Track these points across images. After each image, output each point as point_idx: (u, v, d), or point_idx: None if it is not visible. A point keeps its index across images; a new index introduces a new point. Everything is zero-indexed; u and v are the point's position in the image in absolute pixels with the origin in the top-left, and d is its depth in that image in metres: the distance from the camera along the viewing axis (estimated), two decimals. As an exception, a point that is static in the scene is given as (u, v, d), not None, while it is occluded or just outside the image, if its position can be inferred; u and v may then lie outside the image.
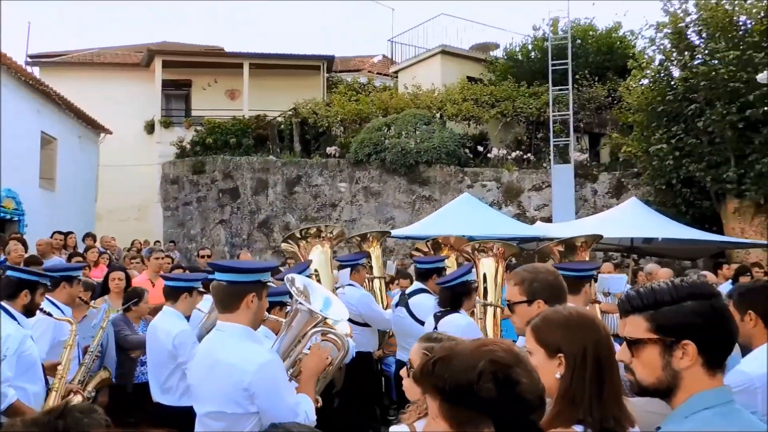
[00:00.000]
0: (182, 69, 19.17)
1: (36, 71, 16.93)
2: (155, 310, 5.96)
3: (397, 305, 5.14)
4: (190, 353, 3.95)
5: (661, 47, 12.78)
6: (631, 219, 9.66)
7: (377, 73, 22.83)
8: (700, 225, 11.40)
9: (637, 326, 1.53)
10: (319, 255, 5.10)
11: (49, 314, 4.17)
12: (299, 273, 3.26)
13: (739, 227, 11.48)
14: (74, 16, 58.50)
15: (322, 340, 3.26)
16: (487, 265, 4.84)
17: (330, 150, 15.74)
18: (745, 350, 2.70)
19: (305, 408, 2.65)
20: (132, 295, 5.49)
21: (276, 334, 3.24)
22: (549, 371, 1.71)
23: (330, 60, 20.18)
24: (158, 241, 14.15)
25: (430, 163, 14.72)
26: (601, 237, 6.27)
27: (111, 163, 17.19)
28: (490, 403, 1.27)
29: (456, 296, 4.12)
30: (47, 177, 14.11)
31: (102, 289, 6.36)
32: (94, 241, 10.65)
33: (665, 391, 1.51)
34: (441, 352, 1.38)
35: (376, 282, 6.04)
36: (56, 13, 56.58)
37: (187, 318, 4.47)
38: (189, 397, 3.84)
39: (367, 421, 5.69)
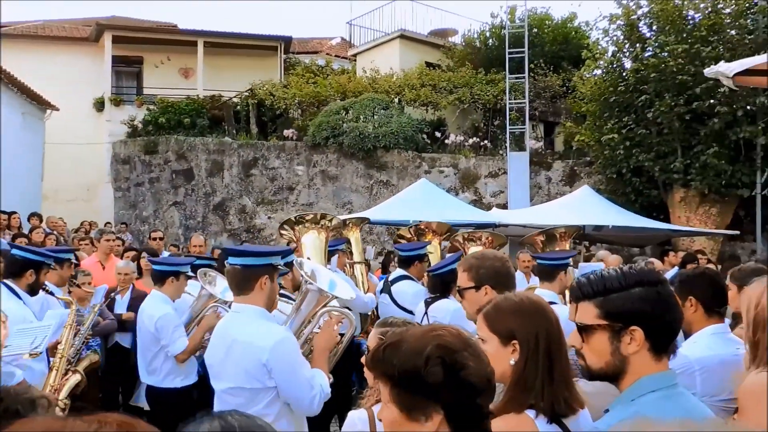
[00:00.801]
0: (133, 45, 18.53)
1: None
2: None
3: (381, 292, 5.22)
4: (171, 336, 4.22)
5: (614, 39, 13.06)
6: (583, 206, 9.91)
7: (335, 56, 22.60)
8: (648, 213, 11.79)
9: (587, 312, 1.58)
10: (313, 241, 5.19)
11: (51, 293, 4.28)
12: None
13: (685, 216, 11.94)
14: (17, -15, 55.76)
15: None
16: None
17: (287, 132, 15.56)
18: (686, 335, 2.83)
19: (320, 381, 2.77)
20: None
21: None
22: (503, 358, 1.74)
23: (287, 41, 19.85)
24: (109, 223, 13.75)
25: (388, 148, 14.72)
26: (581, 229, 6.50)
27: (58, 141, 16.53)
28: (437, 387, 1.28)
29: (445, 283, 4.20)
30: (-11, 154, 13.48)
31: (48, 272, 6.16)
32: (40, 221, 10.29)
33: (614, 375, 1.56)
34: (391, 338, 1.39)
35: (357, 267, 6.09)
36: (-2, -19, 53.65)
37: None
38: (173, 378, 4.28)
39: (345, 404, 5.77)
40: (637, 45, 12.44)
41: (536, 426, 1.65)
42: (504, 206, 13.96)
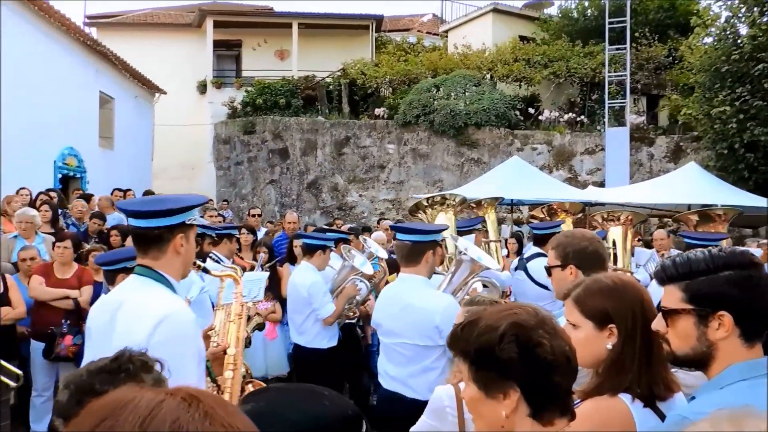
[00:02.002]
0: (233, 29, 19.29)
1: (93, 32, 17.33)
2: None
3: (516, 269, 5.30)
4: (321, 301, 4.78)
5: (728, 3, 12.06)
6: (689, 185, 9.34)
7: (426, 33, 22.41)
8: (764, 192, 10.91)
9: (672, 296, 1.51)
10: (445, 221, 5.37)
11: (206, 270, 4.56)
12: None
13: (805, 195, 10.94)
14: (128, -24, 59.17)
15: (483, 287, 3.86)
16: (615, 233, 5.15)
17: (378, 111, 15.68)
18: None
19: None
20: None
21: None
22: (599, 343, 1.69)
23: (379, 19, 19.90)
24: (211, 200, 14.53)
25: (479, 125, 14.50)
26: (741, 212, 6.26)
27: (165, 122, 17.61)
28: (511, 364, 1.28)
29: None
30: (106, 136, 14.58)
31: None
32: (151, 198, 10.98)
33: (700, 361, 1.49)
34: (469, 317, 1.40)
35: (493, 245, 6.17)
36: (111, -27, 57.35)
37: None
38: (321, 340, 4.87)
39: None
40: (755, 9, 11.42)
41: (631, 410, 1.60)
42: (601, 184, 13.41)
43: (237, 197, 16.27)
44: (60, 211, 7.69)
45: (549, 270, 2.61)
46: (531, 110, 15.41)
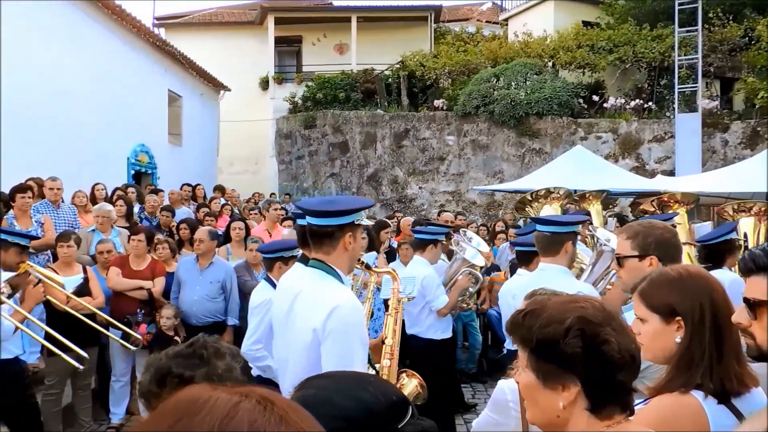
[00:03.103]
0: (293, 25, 19.60)
1: (162, 33, 17.99)
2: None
3: None
4: (435, 293, 4.91)
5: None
6: None
7: (486, 22, 22.08)
8: None
9: (759, 287, 1.44)
10: (548, 214, 5.48)
11: (368, 267, 4.69)
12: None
13: None
14: (193, -23, 60.95)
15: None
16: (746, 224, 5.11)
17: (437, 103, 15.60)
18: None
19: None
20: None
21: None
22: (667, 336, 1.64)
23: (437, 10, 19.75)
24: (273, 194, 14.87)
25: (540, 114, 14.19)
26: None
27: (229, 118, 18.13)
28: (574, 359, 1.25)
29: (719, 253, 4.19)
30: (174, 133, 15.14)
31: (224, 238, 6.86)
32: (223, 193, 11.36)
33: None
34: (532, 305, 1.38)
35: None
36: (177, -25, 59.10)
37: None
38: (435, 331, 4.99)
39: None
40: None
41: (703, 408, 1.55)
42: (670, 173, 12.89)
43: (298, 191, 16.58)
44: (140, 206, 8.07)
45: (620, 260, 2.52)
46: (595, 98, 14.94)
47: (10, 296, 3.82)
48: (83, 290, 4.96)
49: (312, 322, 2.28)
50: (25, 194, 6.01)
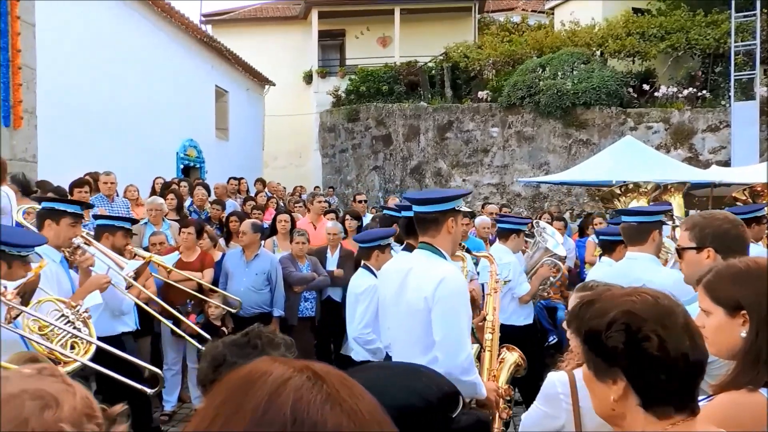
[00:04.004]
0: (336, 19, 19.68)
1: (209, 29, 18.35)
2: (318, 252, 6.42)
3: None
4: (517, 280, 5.13)
5: None
6: (831, 163, 8.42)
7: (531, 11, 21.68)
8: None
9: None
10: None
11: (468, 250, 4.88)
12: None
13: None
14: (238, -26, 61.78)
15: None
16: None
17: (481, 94, 15.42)
18: None
19: None
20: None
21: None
22: (732, 330, 1.59)
23: (481, 0, 19.50)
24: (317, 187, 15.01)
25: (588, 104, 13.87)
26: None
27: (274, 113, 18.37)
28: (615, 353, 1.23)
29: None
30: (221, 127, 15.45)
31: (270, 231, 6.97)
32: (264, 186, 11.55)
33: None
34: (591, 295, 1.37)
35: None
36: (223, -28, 60.00)
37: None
38: (517, 317, 5.17)
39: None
40: None
41: (773, 408, 1.48)
42: (726, 163, 12.41)
43: (342, 184, 16.69)
44: (191, 199, 8.28)
45: (680, 252, 2.47)
46: (645, 87, 14.50)
47: (135, 278, 4.23)
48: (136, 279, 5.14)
49: (423, 291, 2.64)
50: (82, 188, 6.24)
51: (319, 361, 0.74)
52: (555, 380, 2.15)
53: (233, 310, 5.34)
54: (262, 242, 6.18)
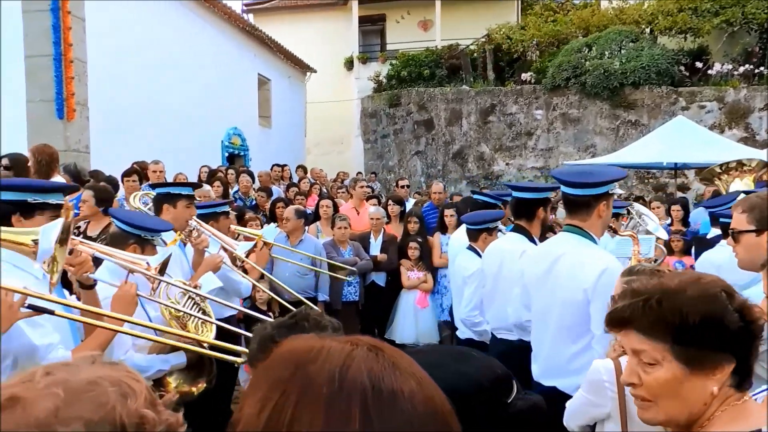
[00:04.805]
0: (376, 4, 19.54)
1: (251, 18, 18.51)
2: (361, 237, 6.45)
3: None
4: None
5: None
6: None
7: (577, -11, 21.05)
8: None
9: None
10: (739, 187, 5.28)
11: (615, 231, 4.93)
12: None
13: None
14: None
15: None
16: None
17: (525, 76, 15.12)
18: None
19: None
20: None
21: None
22: None
23: (525, -21, 19.06)
24: (360, 173, 15.06)
25: (637, 84, 13.43)
26: None
27: (315, 99, 18.45)
28: (734, 335, 1.17)
29: None
30: (264, 115, 15.62)
31: (314, 217, 7.03)
32: (305, 172, 11.66)
33: None
34: (659, 288, 1.25)
35: None
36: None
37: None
38: None
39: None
40: None
41: None
42: (785, 144, 11.87)
43: (384, 169, 16.68)
44: (237, 187, 8.45)
45: (736, 235, 2.36)
46: (698, 64, 13.94)
47: (247, 255, 4.32)
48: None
49: (582, 282, 2.58)
50: (131, 177, 6.42)
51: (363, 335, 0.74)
52: (600, 367, 2.09)
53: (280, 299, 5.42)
54: (306, 228, 6.24)
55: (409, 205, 8.21)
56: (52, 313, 2.07)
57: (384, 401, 0.63)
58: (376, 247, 6.42)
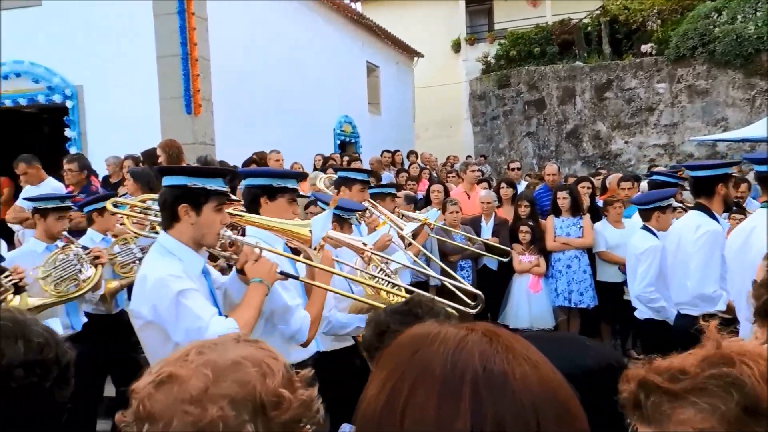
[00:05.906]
0: (484, -18, 19.17)
1: (358, 7, 18.82)
2: (472, 221, 6.42)
3: None
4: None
5: None
6: None
7: (704, -51, 19.37)
8: None
9: None
10: None
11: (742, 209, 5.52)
12: None
13: None
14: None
15: None
16: None
17: (645, 48, 14.19)
18: None
19: None
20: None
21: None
22: None
23: (644, -57, 17.79)
24: (469, 156, 14.91)
25: (775, 49, 12.20)
26: None
27: (423, 84, 18.46)
28: None
29: None
30: (373, 102, 15.88)
31: (425, 201, 7.08)
32: (416, 157, 11.74)
33: None
34: None
35: None
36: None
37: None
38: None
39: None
40: None
41: None
42: None
43: (494, 152, 16.39)
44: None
45: None
46: None
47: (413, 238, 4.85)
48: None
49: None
50: (250, 167, 6.81)
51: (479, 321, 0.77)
52: None
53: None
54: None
55: (521, 187, 8.04)
56: (296, 278, 2.60)
57: (494, 382, 0.66)
58: (487, 231, 6.37)
